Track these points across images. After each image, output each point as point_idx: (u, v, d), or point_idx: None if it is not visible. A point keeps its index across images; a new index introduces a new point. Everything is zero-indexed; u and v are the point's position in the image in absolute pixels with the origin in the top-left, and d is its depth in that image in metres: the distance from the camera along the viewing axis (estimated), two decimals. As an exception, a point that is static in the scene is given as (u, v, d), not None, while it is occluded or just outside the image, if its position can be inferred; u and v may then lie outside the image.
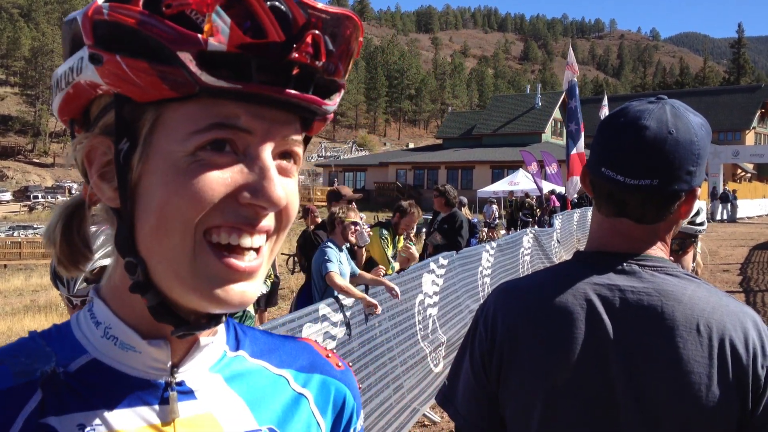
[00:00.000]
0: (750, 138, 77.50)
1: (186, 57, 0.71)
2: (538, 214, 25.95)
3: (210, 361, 0.91)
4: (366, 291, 6.45)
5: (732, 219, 39.67)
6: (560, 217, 20.94)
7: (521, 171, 36.38)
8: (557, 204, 25.35)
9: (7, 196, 78.51)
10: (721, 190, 40.29)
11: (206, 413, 0.88)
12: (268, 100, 0.76)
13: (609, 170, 1.53)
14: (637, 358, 1.46)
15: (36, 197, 76.53)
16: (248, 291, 0.80)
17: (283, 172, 0.82)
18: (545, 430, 1.52)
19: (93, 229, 0.81)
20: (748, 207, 43.11)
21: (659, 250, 1.59)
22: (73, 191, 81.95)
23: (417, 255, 9.47)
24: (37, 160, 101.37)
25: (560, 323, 1.53)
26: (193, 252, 0.77)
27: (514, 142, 61.60)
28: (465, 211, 13.50)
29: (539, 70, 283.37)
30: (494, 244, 12.55)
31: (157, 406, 0.85)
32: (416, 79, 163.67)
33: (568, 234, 21.46)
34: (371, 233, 8.02)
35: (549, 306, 1.56)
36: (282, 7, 0.74)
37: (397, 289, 6.59)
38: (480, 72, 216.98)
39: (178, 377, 0.87)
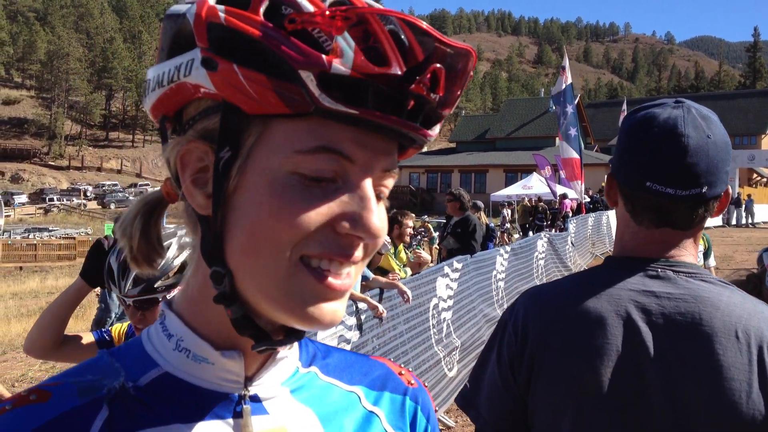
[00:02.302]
0: (766, 142, 77.12)
1: (307, 76, 0.70)
2: (551, 218, 25.86)
3: (283, 376, 0.90)
4: (380, 295, 6.45)
5: (752, 223, 39.40)
6: (574, 221, 20.86)
7: (535, 175, 36.26)
8: (568, 209, 25.25)
9: (23, 198, 78.77)
10: (735, 195, 40.02)
11: (279, 427, 0.86)
12: (378, 128, 0.74)
13: (656, 184, 1.51)
14: (674, 365, 1.44)
15: (51, 200, 76.92)
16: (339, 310, 0.79)
17: (377, 200, 0.79)
18: None
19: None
20: (764, 211, 42.78)
21: (690, 256, 1.57)
22: (89, 193, 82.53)
23: (429, 258, 9.46)
24: (52, 163, 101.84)
25: (594, 329, 1.51)
26: (287, 273, 0.75)
27: (528, 145, 61.52)
28: (481, 216, 13.47)
29: (553, 73, 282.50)
30: (508, 248, 12.54)
31: (230, 420, 0.83)
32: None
33: (583, 238, 21.37)
34: (388, 240, 7.99)
35: (583, 311, 1.54)
36: (402, 35, 0.73)
37: (409, 293, 6.58)
38: (493, 75, 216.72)
39: (252, 390, 0.86)
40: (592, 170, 43.01)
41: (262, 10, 0.72)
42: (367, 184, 0.77)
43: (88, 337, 2.86)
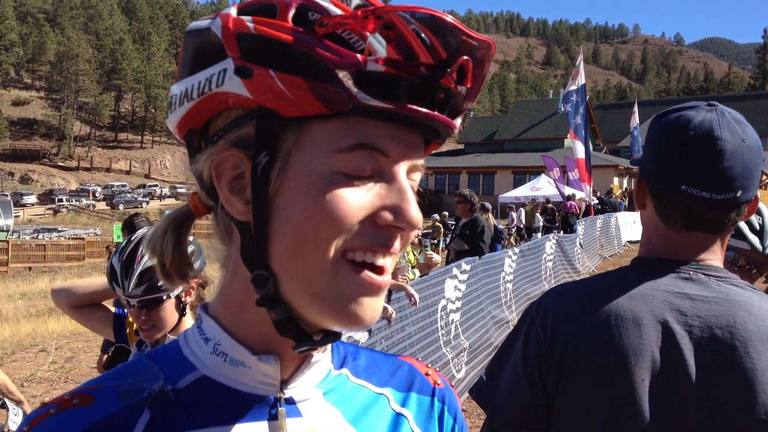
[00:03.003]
0: (775, 144, 76.77)
1: (344, 75, 0.72)
2: (560, 219, 25.80)
3: (316, 379, 0.91)
4: (389, 297, 6.44)
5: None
6: (583, 222, 20.81)
7: (543, 176, 36.21)
8: (571, 210, 25.19)
9: (32, 199, 79.14)
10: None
11: (311, 430, 0.88)
12: (409, 122, 0.77)
13: (691, 188, 1.50)
14: (710, 368, 1.43)
15: (60, 200, 77.29)
16: (377, 307, 0.81)
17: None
18: None
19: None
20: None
21: (718, 260, 1.57)
22: (97, 194, 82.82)
23: (439, 259, 9.45)
24: (61, 164, 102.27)
25: (629, 329, 1.49)
26: (332, 269, 0.77)
27: (536, 147, 61.35)
28: (489, 218, 13.45)
29: (562, 75, 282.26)
30: (516, 250, 12.51)
31: (265, 422, 0.85)
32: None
33: (591, 240, 21.32)
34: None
35: (616, 311, 1.52)
36: (422, 35, 0.75)
37: (416, 296, 6.58)
38: (502, 77, 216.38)
39: (287, 393, 0.87)
40: (600, 172, 42.92)
41: (290, 16, 0.74)
42: (403, 176, 0.80)
43: (108, 311, 3.04)
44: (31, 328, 15.60)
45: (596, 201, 29.48)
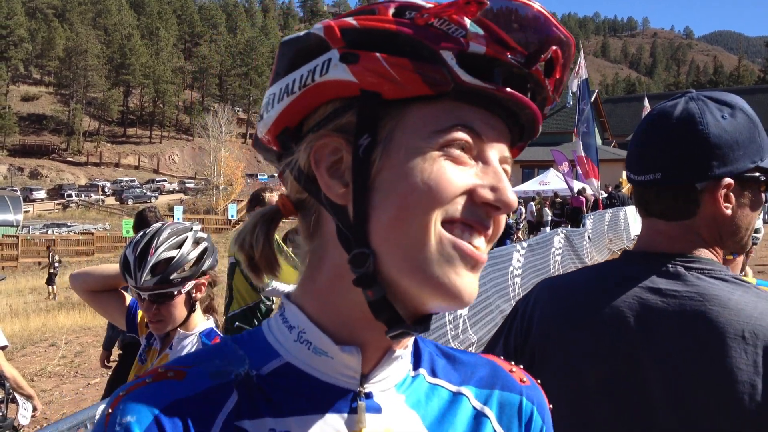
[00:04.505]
0: (786, 137, 76.25)
1: (448, 56, 0.76)
2: (569, 213, 25.76)
3: (396, 378, 0.91)
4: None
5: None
6: (591, 217, 20.77)
7: (552, 170, 36.12)
8: (575, 205, 25.12)
9: (42, 194, 79.57)
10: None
11: (387, 428, 0.87)
12: (502, 110, 0.82)
13: (627, 170, 1.59)
14: (674, 365, 1.41)
15: (70, 195, 77.77)
16: (475, 284, 0.82)
17: None
18: (575, 430, 1.50)
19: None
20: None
21: (709, 252, 1.54)
22: (106, 189, 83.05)
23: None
24: (71, 159, 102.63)
25: (596, 324, 1.50)
26: (432, 240, 0.78)
27: (545, 141, 60.98)
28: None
29: (571, 68, 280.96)
30: (525, 244, 12.50)
31: (345, 415, 0.85)
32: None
33: (600, 234, 21.28)
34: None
35: (588, 306, 1.53)
36: (514, 24, 0.79)
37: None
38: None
39: (367, 388, 0.87)
40: (609, 166, 42.73)
41: (390, 13, 0.80)
42: (497, 160, 0.83)
43: (123, 299, 3.09)
44: (40, 322, 15.69)
45: (605, 195, 29.36)
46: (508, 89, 0.79)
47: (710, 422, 1.36)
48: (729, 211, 1.50)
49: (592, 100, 22.89)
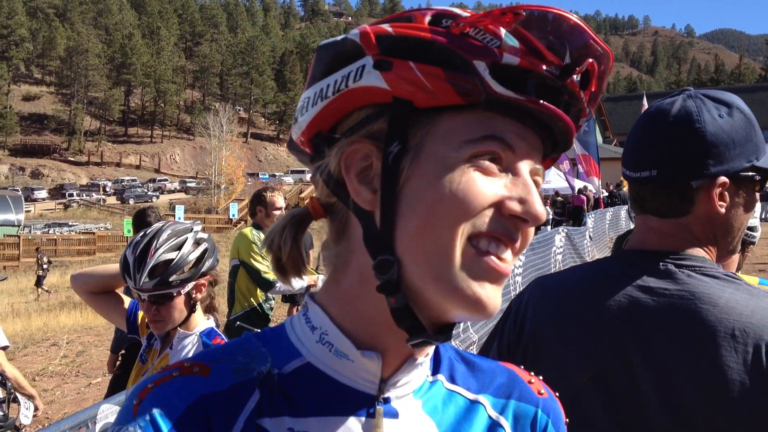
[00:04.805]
0: (787, 136, 76.20)
1: (481, 66, 0.76)
2: (570, 212, 25.73)
3: (415, 384, 0.91)
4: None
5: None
6: (593, 215, 20.75)
7: (553, 169, 36.04)
8: (577, 203, 25.10)
9: (43, 193, 79.54)
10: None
11: None
12: (535, 122, 0.81)
13: (623, 166, 1.58)
14: (664, 363, 1.40)
15: (71, 195, 77.69)
16: (499, 296, 0.81)
17: None
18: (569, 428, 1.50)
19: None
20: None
21: (701, 250, 1.53)
22: (108, 189, 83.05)
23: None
24: (72, 159, 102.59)
25: (585, 322, 1.51)
26: (459, 251, 0.78)
27: (546, 140, 61.03)
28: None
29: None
30: (526, 243, 12.47)
31: (363, 419, 0.85)
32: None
33: (601, 233, 21.27)
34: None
35: (578, 303, 1.53)
36: (550, 36, 0.79)
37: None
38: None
39: (385, 393, 0.87)
40: (610, 164, 42.67)
41: (426, 21, 0.81)
42: (527, 173, 0.82)
43: (122, 301, 3.10)
44: (42, 322, 15.69)
45: (606, 194, 29.34)
46: (541, 101, 0.78)
47: (702, 421, 1.36)
48: (723, 210, 1.50)
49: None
